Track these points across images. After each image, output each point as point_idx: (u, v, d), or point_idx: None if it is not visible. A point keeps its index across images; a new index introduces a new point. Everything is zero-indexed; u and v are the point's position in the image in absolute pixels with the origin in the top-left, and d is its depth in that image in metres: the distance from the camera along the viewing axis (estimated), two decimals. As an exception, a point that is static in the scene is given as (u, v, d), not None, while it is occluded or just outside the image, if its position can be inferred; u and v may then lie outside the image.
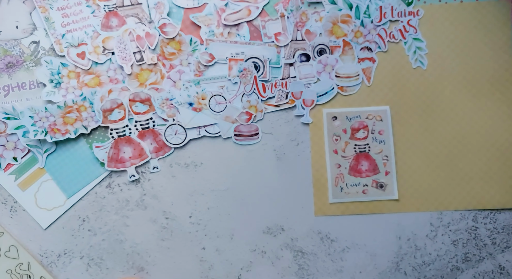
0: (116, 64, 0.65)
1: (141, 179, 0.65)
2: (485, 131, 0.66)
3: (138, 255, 0.64)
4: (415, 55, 0.67)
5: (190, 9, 0.67)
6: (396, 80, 0.67)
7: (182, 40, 0.66)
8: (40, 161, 0.64)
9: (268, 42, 0.67)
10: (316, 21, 0.67)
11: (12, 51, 0.65)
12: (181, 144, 0.65)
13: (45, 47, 0.66)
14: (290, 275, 0.65)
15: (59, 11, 0.65)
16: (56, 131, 0.63)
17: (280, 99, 0.66)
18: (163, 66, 0.66)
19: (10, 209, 0.64)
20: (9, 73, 0.65)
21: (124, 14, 0.66)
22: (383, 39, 0.67)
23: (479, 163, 0.66)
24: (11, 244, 0.62)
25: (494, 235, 0.65)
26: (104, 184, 0.65)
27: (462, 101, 0.67)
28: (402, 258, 0.65)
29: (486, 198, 0.65)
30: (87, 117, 0.64)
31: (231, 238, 0.65)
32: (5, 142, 0.64)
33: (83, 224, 0.64)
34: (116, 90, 0.65)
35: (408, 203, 0.65)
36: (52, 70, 0.64)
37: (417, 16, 0.67)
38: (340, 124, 0.66)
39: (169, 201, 0.65)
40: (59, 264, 0.64)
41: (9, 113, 0.63)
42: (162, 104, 0.65)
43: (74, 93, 0.65)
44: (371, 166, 0.66)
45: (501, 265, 0.65)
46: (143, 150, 0.65)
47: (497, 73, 0.67)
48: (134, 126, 0.65)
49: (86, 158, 0.64)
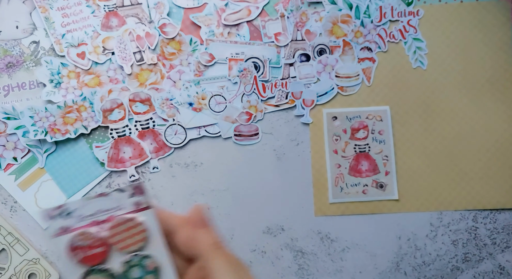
0: (116, 64, 0.65)
1: (141, 179, 0.65)
2: (485, 131, 0.66)
3: (138, 255, 0.64)
4: (415, 55, 0.67)
5: (190, 9, 0.67)
6: (396, 80, 0.67)
7: (182, 40, 0.66)
8: (40, 161, 0.64)
9: (268, 42, 0.66)
10: (316, 21, 0.67)
11: (12, 51, 0.65)
12: (181, 144, 0.65)
13: (45, 47, 0.66)
14: (290, 275, 0.65)
15: (59, 11, 0.65)
16: (56, 132, 0.63)
17: (280, 99, 0.66)
18: (163, 66, 0.66)
19: (10, 209, 0.64)
20: (9, 73, 0.65)
21: (124, 14, 0.66)
22: (383, 39, 0.67)
23: (479, 163, 0.66)
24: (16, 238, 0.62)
25: (494, 235, 0.65)
26: (104, 184, 0.65)
27: (462, 101, 0.67)
28: (402, 258, 0.65)
29: (486, 198, 0.65)
30: (87, 117, 0.64)
31: (231, 238, 0.65)
32: (5, 142, 0.64)
33: (83, 224, 0.64)
34: (116, 90, 0.65)
35: (408, 203, 0.65)
36: (52, 70, 0.64)
37: (417, 16, 0.67)
38: (340, 124, 0.66)
39: (169, 201, 0.65)
40: (59, 264, 0.64)
41: (9, 113, 0.63)
42: (162, 104, 0.65)
43: (74, 93, 0.64)
44: (371, 166, 0.66)
45: (501, 265, 0.65)
46: (143, 150, 0.65)
47: (497, 73, 0.67)
48: (134, 126, 0.65)
49: (86, 158, 0.64)
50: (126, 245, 0.33)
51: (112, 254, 0.34)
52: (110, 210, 0.34)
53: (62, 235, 0.33)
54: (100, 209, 0.34)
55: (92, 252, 0.33)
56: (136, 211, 0.34)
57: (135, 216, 0.34)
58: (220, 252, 0.32)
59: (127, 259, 0.33)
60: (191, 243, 0.34)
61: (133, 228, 0.33)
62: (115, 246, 0.33)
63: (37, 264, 0.62)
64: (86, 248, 0.33)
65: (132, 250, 0.33)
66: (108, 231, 0.33)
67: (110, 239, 0.33)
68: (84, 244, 0.33)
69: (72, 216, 0.34)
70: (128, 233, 0.34)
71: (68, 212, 0.34)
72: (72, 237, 0.33)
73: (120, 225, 0.33)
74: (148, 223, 0.34)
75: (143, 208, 0.34)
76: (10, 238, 0.62)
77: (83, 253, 0.33)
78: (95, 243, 0.33)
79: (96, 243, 0.33)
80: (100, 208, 0.34)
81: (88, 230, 0.33)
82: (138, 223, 0.34)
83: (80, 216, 0.34)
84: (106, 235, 0.33)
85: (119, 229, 0.33)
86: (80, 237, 0.33)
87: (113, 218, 0.34)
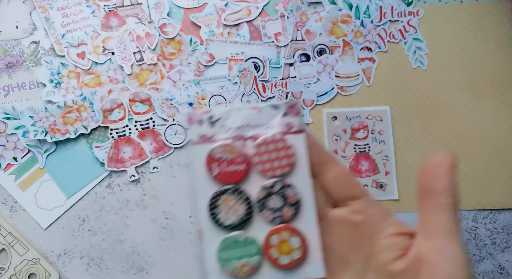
0: (116, 64, 0.65)
1: (141, 179, 0.65)
2: (485, 131, 0.66)
3: (138, 255, 0.64)
4: (415, 55, 0.67)
5: (190, 9, 0.67)
6: (396, 80, 0.67)
7: (182, 40, 0.66)
8: (40, 161, 0.64)
9: (268, 42, 0.66)
10: (316, 21, 0.67)
11: (12, 51, 0.65)
12: (181, 144, 0.65)
13: (45, 47, 0.66)
14: (290, 275, 0.65)
15: (59, 11, 0.65)
16: (56, 132, 0.63)
17: (280, 99, 0.66)
18: (163, 66, 0.66)
19: (10, 209, 0.64)
20: (9, 73, 0.65)
21: (124, 14, 0.66)
22: (383, 39, 0.67)
23: (479, 163, 0.66)
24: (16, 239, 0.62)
25: (494, 235, 0.65)
26: (104, 184, 0.65)
27: (462, 101, 0.67)
28: (402, 258, 0.65)
29: (486, 198, 0.65)
30: (87, 118, 0.64)
31: (231, 238, 0.65)
32: (5, 142, 0.64)
33: (83, 224, 0.64)
34: (116, 90, 0.65)
35: (408, 203, 0.65)
36: (52, 70, 0.64)
37: (417, 16, 0.67)
38: (340, 124, 0.66)
39: (169, 201, 0.65)
40: (59, 264, 0.64)
41: (9, 113, 0.63)
42: (162, 104, 0.65)
43: (74, 93, 0.64)
44: (371, 166, 0.66)
45: (501, 265, 0.65)
46: (143, 150, 0.65)
47: (497, 73, 0.67)
48: (134, 126, 0.65)
49: (86, 158, 0.64)
50: (270, 168, 0.30)
51: (252, 175, 0.30)
52: (258, 126, 0.30)
53: (203, 144, 0.30)
54: (248, 123, 0.30)
55: (231, 169, 0.29)
56: (287, 133, 0.30)
57: (285, 138, 0.30)
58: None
59: (267, 185, 0.30)
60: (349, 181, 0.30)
61: (281, 151, 0.30)
62: (257, 167, 0.30)
63: (37, 264, 0.62)
64: (226, 163, 0.29)
65: (275, 175, 0.30)
66: (253, 149, 0.30)
67: (253, 158, 0.30)
68: (225, 158, 0.29)
69: (216, 125, 0.30)
70: (274, 155, 0.30)
71: (214, 120, 0.30)
72: (214, 148, 0.29)
73: (267, 145, 0.30)
74: (298, 148, 0.30)
75: (295, 131, 0.30)
76: (10, 238, 0.62)
77: (221, 168, 0.29)
78: (236, 159, 0.29)
79: (237, 159, 0.29)
80: (248, 122, 0.30)
81: (232, 143, 0.30)
82: (286, 146, 0.30)
83: (226, 126, 0.30)
84: (250, 153, 0.30)
85: (265, 148, 0.30)
86: (223, 149, 0.29)
87: (260, 135, 0.30)
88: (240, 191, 0.30)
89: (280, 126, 0.30)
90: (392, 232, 0.30)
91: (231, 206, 0.29)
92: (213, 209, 0.30)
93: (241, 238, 0.29)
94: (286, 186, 0.30)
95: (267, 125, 0.30)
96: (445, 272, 0.26)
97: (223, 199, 0.29)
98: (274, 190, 0.30)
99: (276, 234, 0.29)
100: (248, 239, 0.29)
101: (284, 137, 0.30)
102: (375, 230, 0.30)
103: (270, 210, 0.30)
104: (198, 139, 0.30)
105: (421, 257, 0.28)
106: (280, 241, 0.29)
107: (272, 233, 0.29)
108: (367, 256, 0.30)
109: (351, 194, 0.30)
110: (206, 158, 0.30)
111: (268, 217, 0.30)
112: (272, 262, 0.29)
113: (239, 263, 0.29)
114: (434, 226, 0.28)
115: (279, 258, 0.29)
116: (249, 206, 0.30)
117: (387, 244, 0.29)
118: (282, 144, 0.30)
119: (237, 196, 0.29)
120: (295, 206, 0.30)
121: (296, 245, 0.29)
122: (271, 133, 0.30)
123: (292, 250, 0.29)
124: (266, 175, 0.30)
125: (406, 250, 0.29)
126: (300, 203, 0.30)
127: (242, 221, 0.29)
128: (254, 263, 0.29)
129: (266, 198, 0.30)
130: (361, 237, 0.30)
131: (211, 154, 0.29)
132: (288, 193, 0.30)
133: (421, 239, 0.29)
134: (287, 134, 0.30)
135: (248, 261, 0.29)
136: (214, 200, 0.30)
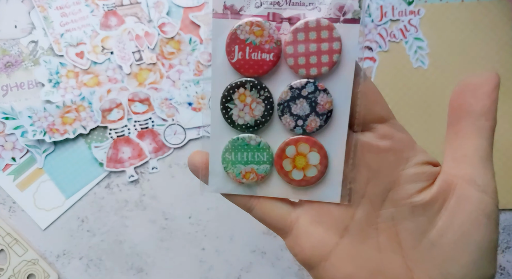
0: (115, 64, 0.65)
1: (140, 179, 0.65)
2: (486, 131, 0.66)
3: (137, 255, 0.64)
4: (416, 54, 0.67)
5: (190, 8, 0.66)
6: (397, 80, 0.67)
7: (182, 40, 0.66)
8: (38, 161, 0.64)
9: (268, 41, 0.66)
10: (316, 20, 0.67)
11: (10, 50, 0.65)
12: (181, 144, 0.65)
13: (43, 46, 0.65)
14: (290, 275, 0.65)
15: (57, 11, 0.65)
16: (54, 132, 0.63)
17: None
18: (162, 65, 0.65)
19: (9, 209, 0.64)
20: (8, 73, 0.65)
21: (123, 14, 0.65)
22: (384, 39, 0.67)
23: (479, 163, 0.66)
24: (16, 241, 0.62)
25: (494, 235, 0.65)
26: (103, 184, 0.64)
27: (463, 101, 0.66)
28: (402, 258, 0.65)
29: (487, 198, 0.65)
30: (86, 117, 0.64)
31: (231, 238, 0.65)
32: (4, 142, 0.63)
33: (82, 225, 0.64)
34: (115, 90, 0.65)
35: (409, 203, 0.65)
36: (51, 70, 0.64)
37: (418, 15, 0.67)
38: (341, 124, 0.66)
39: (168, 201, 0.65)
40: (58, 265, 0.63)
41: (7, 113, 0.63)
42: (161, 104, 0.65)
43: (72, 93, 0.64)
44: (371, 166, 0.65)
45: (501, 265, 0.65)
46: (142, 150, 0.65)
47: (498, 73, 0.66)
48: (133, 126, 0.65)
49: (85, 158, 0.64)
50: (305, 64, 0.23)
51: (281, 69, 0.24)
52: (302, 5, 0.23)
53: (227, 18, 0.23)
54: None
55: (256, 56, 0.23)
56: (336, 21, 0.24)
57: (333, 26, 0.23)
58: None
59: (296, 85, 0.24)
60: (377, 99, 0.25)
61: (324, 42, 0.23)
62: (289, 60, 0.23)
63: (36, 265, 0.62)
64: (251, 48, 0.23)
65: (309, 74, 0.23)
66: (289, 34, 0.23)
67: (286, 47, 0.23)
68: (251, 41, 0.23)
69: None
70: (314, 48, 0.23)
71: None
72: (239, 25, 0.23)
73: (308, 32, 0.23)
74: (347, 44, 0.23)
75: (349, 20, 0.24)
76: (9, 238, 0.62)
77: (244, 54, 0.23)
78: (265, 45, 0.23)
79: (266, 46, 0.23)
80: None
81: (263, 22, 0.23)
82: (333, 38, 0.23)
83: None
84: (284, 39, 0.23)
85: (304, 36, 0.23)
86: (250, 28, 0.23)
87: (301, 18, 0.23)
88: (261, 87, 0.24)
89: (330, 10, 0.23)
90: (420, 161, 0.27)
91: (248, 103, 0.24)
92: (226, 103, 0.24)
93: (253, 142, 0.25)
94: (319, 90, 0.24)
95: (313, 6, 0.23)
96: (475, 202, 0.24)
97: (240, 93, 0.24)
98: (304, 93, 0.24)
99: (293, 144, 0.25)
100: (261, 144, 0.25)
101: (332, 24, 0.23)
102: (401, 158, 0.26)
103: (293, 116, 0.24)
104: (222, 11, 0.23)
105: (448, 187, 0.25)
106: (296, 154, 0.25)
107: (290, 143, 0.25)
108: (386, 188, 0.26)
109: (379, 114, 0.26)
110: (227, 37, 0.23)
111: (289, 123, 0.25)
112: (282, 174, 0.25)
113: (245, 169, 0.25)
114: (468, 152, 0.25)
115: (292, 172, 0.25)
116: (269, 107, 0.24)
117: (413, 174, 0.26)
118: (327, 33, 0.23)
119: (257, 93, 0.24)
120: (324, 116, 0.24)
121: (315, 161, 0.25)
122: (316, 17, 0.23)
123: (309, 166, 0.25)
124: (298, 73, 0.24)
125: (432, 180, 0.25)
126: (331, 114, 0.24)
127: (258, 123, 0.24)
128: (262, 171, 0.25)
129: (291, 101, 0.24)
130: (385, 166, 0.26)
131: (234, 33, 0.23)
132: (320, 100, 0.24)
133: (450, 166, 0.25)
134: (336, 22, 0.24)
135: (256, 168, 0.25)
136: (229, 92, 0.24)
